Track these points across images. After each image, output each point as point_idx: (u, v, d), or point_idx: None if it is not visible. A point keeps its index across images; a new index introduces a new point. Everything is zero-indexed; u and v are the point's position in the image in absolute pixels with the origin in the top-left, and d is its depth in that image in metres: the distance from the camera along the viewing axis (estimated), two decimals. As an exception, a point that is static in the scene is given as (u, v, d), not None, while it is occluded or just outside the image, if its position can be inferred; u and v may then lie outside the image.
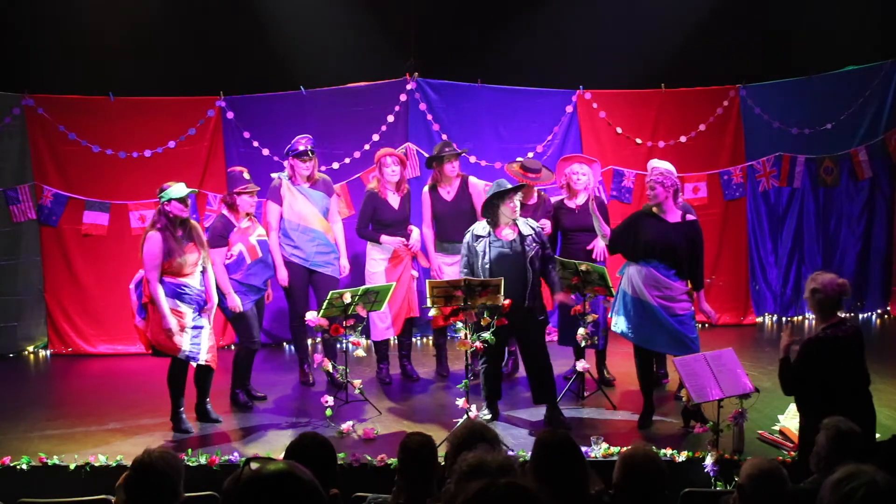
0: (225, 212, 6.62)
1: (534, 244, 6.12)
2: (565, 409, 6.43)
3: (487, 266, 6.04)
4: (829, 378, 4.66)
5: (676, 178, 6.05)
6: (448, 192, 7.16)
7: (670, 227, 5.98)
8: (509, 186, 6.11)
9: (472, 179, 7.28)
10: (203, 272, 6.13)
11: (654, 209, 6.05)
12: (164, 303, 5.89)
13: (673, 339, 5.97)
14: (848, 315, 8.42)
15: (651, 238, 5.96)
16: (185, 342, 5.97)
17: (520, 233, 6.12)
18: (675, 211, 6.04)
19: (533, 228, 6.21)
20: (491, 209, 6.12)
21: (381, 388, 7.14)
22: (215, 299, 6.25)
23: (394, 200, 7.11)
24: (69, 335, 8.46)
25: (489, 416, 6.15)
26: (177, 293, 5.97)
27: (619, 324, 6.17)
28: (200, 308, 6.08)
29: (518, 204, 6.10)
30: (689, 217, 6.09)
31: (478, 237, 6.15)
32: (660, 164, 6.20)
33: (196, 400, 6.32)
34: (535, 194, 7.12)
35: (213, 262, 6.28)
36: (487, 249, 6.07)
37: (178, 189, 5.97)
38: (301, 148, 6.92)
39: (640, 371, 6.22)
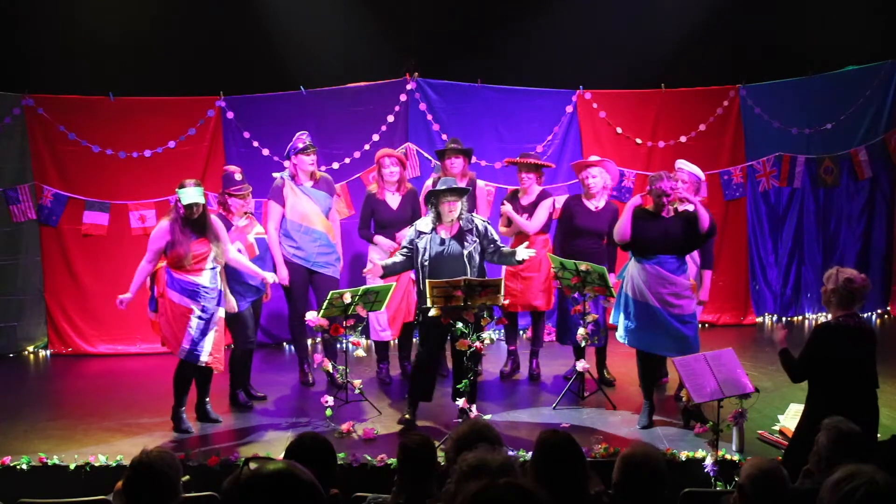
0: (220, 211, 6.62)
1: (474, 240, 6.05)
2: (566, 409, 6.45)
3: (426, 263, 6.01)
4: (837, 369, 4.65)
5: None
6: None
7: (666, 221, 6.02)
8: (454, 186, 6.06)
9: (480, 182, 7.25)
10: (213, 269, 6.07)
11: (650, 208, 6.08)
12: (138, 280, 6.05)
13: (674, 340, 5.97)
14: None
15: (653, 236, 5.99)
16: (185, 340, 5.96)
17: (460, 229, 6.07)
18: (669, 208, 6.07)
19: (477, 224, 6.12)
20: (432, 205, 6.10)
21: (381, 388, 7.14)
22: (230, 299, 6.26)
23: (393, 201, 7.10)
24: (69, 335, 8.45)
25: (408, 416, 6.13)
26: (189, 292, 5.96)
27: (619, 329, 6.18)
28: (212, 309, 6.03)
29: (458, 208, 6.01)
30: (682, 209, 6.09)
31: (420, 233, 6.12)
32: (690, 167, 6.58)
33: (196, 400, 6.32)
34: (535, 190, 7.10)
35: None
36: (428, 246, 6.04)
37: (187, 195, 5.92)
38: (302, 144, 6.92)
39: (641, 372, 6.23)
